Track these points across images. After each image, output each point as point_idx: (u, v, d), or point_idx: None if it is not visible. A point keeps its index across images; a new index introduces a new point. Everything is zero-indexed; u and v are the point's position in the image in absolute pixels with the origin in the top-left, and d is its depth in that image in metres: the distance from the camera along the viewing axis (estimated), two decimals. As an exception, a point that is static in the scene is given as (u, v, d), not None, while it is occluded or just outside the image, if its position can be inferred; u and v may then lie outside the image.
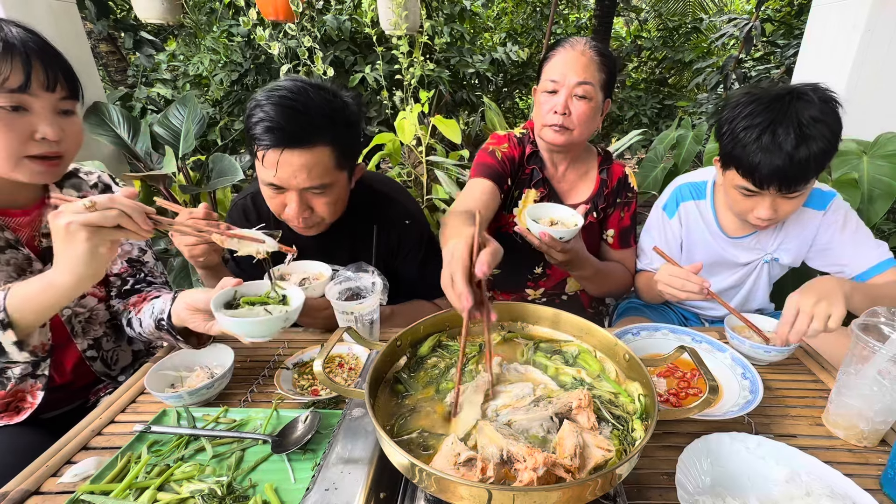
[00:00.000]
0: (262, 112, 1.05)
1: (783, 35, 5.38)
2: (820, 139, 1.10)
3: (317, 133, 1.06)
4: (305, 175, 1.08)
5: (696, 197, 1.43)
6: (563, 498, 0.57)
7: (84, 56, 2.45)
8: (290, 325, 0.96)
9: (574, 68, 1.31)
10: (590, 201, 1.49)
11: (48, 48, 0.95)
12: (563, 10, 7.73)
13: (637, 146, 5.27)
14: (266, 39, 2.78)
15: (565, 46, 1.35)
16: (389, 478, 0.71)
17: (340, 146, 1.11)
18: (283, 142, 1.04)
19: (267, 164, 1.07)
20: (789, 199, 1.19)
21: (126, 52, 4.39)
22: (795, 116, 1.11)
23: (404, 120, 2.46)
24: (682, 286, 1.15)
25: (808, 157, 1.10)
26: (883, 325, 0.85)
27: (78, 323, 1.15)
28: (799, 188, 1.16)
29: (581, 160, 1.52)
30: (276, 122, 1.04)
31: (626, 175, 1.52)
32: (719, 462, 0.79)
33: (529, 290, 1.59)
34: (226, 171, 2.37)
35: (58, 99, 0.95)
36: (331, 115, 1.09)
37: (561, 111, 1.33)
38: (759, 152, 1.13)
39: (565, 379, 0.84)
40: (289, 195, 1.12)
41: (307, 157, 1.06)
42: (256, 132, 1.06)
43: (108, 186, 1.23)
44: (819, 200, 1.32)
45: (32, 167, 0.96)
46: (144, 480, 0.78)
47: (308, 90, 1.09)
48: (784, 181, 1.14)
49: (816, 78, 2.12)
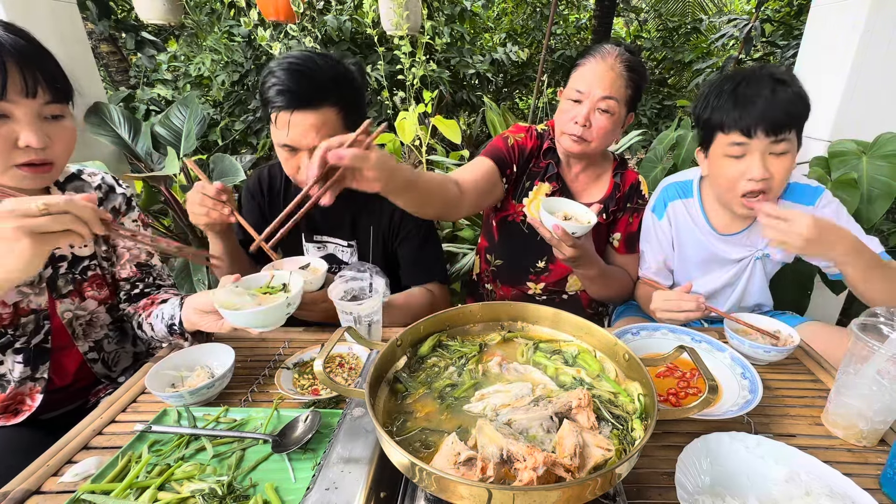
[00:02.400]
0: (274, 78, 1.16)
1: (783, 35, 5.38)
2: (793, 87, 1.16)
3: (324, 94, 1.17)
4: (315, 134, 1.17)
5: (683, 196, 1.45)
6: (563, 497, 0.57)
7: (85, 56, 2.46)
8: (293, 310, 0.98)
9: (602, 82, 1.31)
10: (601, 203, 1.50)
11: (30, 51, 0.90)
12: (563, 11, 7.73)
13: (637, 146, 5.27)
14: (267, 40, 2.79)
15: (596, 57, 1.34)
16: (390, 477, 0.72)
17: (346, 108, 1.21)
18: (294, 103, 1.15)
19: (280, 125, 1.18)
20: (777, 156, 1.19)
21: (127, 52, 4.39)
22: (766, 71, 1.20)
23: (404, 120, 2.47)
24: (679, 307, 1.18)
25: (786, 97, 1.15)
26: (882, 324, 0.85)
27: (79, 326, 1.15)
28: (785, 132, 1.17)
29: (596, 164, 1.53)
30: (287, 85, 1.14)
31: (639, 182, 1.53)
32: (719, 462, 0.79)
33: (530, 284, 1.59)
34: (227, 172, 2.37)
35: (41, 104, 0.92)
36: (335, 78, 1.19)
37: (582, 123, 1.34)
38: (739, 99, 1.18)
39: (565, 379, 0.84)
40: (301, 156, 1.21)
41: (316, 117, 1.16)
42: (270, 95, 1.16)
43: (111, 188, 1.22)
44: (808, 196, 1.33)
45: (20, 174, 0.93)
46: (145, 480, 0.78)
47: (314, 57, 1.20)
48: (770, 122, 1.15)
49: (816, 78, 2.14)
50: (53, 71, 0.93)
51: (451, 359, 0.88)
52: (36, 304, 1.07)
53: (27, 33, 0.93)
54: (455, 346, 0.91)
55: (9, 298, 1.03)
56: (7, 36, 0.88)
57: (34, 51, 0.91)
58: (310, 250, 1.50)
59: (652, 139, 4.32)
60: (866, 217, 1.79)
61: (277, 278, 1.08)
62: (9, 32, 0.89)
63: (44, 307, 1.08)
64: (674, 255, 1.48)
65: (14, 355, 1.07)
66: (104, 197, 1.20)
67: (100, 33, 3.92)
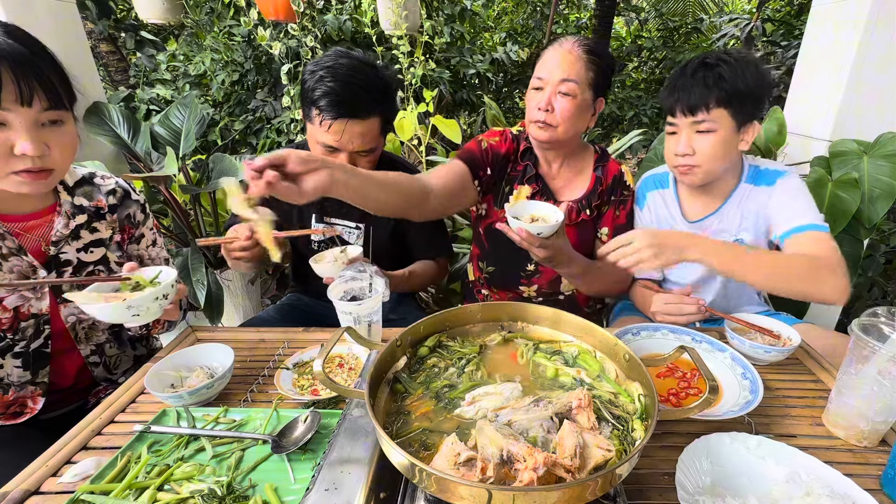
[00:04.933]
0: (325, 86, 1.26)
1: (783, 35, 5.38)
2: (720, 70, 1.23)
3: (373, 107, 1.31)
4: (360, 141, 1.32)
5: (659, 186, 1.52)
6: (563, 498, 0.57)
7: (84, 56, 2.45)
8: (144, 312, 0.94)
9: (560, 66, 1.33)
10: (584, 199, 1.50)
11: (26, 58, 0.87)
12: (564, 10, 7.73)
13: (637, 146, 5.27)
14: (267, 39, 2.78)
15: (555, 45, 1.38)
16: (389, 478, 0.72)
17: (386, 116, 1.36)
18: (349, 114, 1.27)
19: (332, 131, 1.29)
20: (701, 134, 1.28)
21: (127, 52, 4.39)
22: (700, 58, 1.30)
23: (404, 119, 2.46)
24: (679, 311, 1.22)
25: (704, 81, 1.24)
26: (883, 324, 0.85)
27: (81, 329, 1.15)
28: (702, 113, 1.25)
29: (576, 157, 1.53)
30: (342, 97, 1.26)
31: (622, 173, 1.52)
32: (719, 462, 0.79)
33: (523, 288, 1.59)
34: (226, 172, 2.37)
35: (37, 112, 0.89)
36: (383, 91, 1.33)
37: (544, 108, 1.34)
38: (672, 83, 1.32)
39: (565, 379, 0.84)
40: (340, 155, 1.34)
41: (364, 126, 1.31)
42: (322, 104, 1.26)
43: (127, 193, 1.20)
44: (770, 178, 1.36)
45: (18, 180, 0.92)
46: (144, 480, 0.78)
47: (364, 69, 1.31)
48: (686, 102, 1.27)
49: (816, 78, 2.13)
50: (52, 77, 0.91)
51: (451, 359, 0.88)
52: (37, 308, 1.06)
53: (30, 39, 0.90)
54: (455, 347, 0.91)
55: (9, 303, 1.03)
56: (5, 41, 0.85)
57: (32, 57, 0.88)
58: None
59: (652, 139, 4.32)
60: (867, 217, 1.78)
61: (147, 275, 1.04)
62: (8, 38, 0.86)
63: (44, 312, 1.07)
64: None
65: (13, 359, 1.06)
66: (118, 203, 1.18)
67: (99, 33, 3.92)
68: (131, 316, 0.93)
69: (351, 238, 1.54)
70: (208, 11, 3.89)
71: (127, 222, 1.20)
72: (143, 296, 0.93)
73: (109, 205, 1.16)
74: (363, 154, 1.37)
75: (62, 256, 1.08)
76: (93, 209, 1.13)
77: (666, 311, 1.23)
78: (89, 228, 1.13)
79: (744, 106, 1.25)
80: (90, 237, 1.13)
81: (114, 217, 1.17)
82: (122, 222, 1.19)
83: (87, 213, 1.12)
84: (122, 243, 1.19)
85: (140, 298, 0.92)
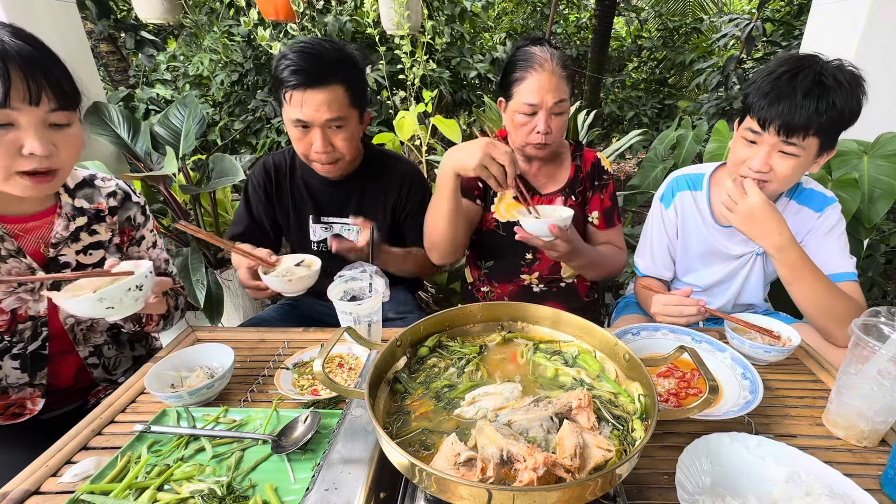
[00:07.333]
0: (287, 60, 1.29)
1: (783, 35, 5.38)
2: (834, 95, 1.10)
3: (332, 73, 1.30)
4: (326, 108, 1.30)
5: (692, 188, 1.48)
6: (563, 498, 0.57)
7: (84, 56, 2.45)
8: (118, 304, 0.93)
9: (551, 90, 1.35)
10: (567, 186, 1.55)
11: (35, 58, 0.87)
12: (564, 10, 7.73)
13: (637, 146, 5.27)
14: (267, 39, 2.78)
15: (535, 69, 1.35)
16: (389, 478, 0.71)
17: (351, 86, 1.34)
18: (307, 81, 1.28)
19: (294, 103, 1.30)
20: (785, 155, 1.17)
21: (126, 52, 4.38)
22: (819, 67, 1.13)
23: (403, 119, 2.46)
24: (680, 312, 1.21)
25: (816, 106, 1.10)
26: (883, 325, 0.85)
27: (80, 331, 1.15)
28: (797, 138, 1.13)
29: (555, 153, 1.57)
30: (300, 65, 1.27)
31: (599, 160, 1.58)
32: (719, 462, 0.79)
33: (525, 276, 1.62)
34: (226, 172, 2.37)
35: (45, 112, 0.89)
36: (342, 59, 1.34)
37: (544, 131, 1.38)
38: (773, 91, 1.14)
39: (565, 379, 0.84)
40: (314, 132, 1.34)
41: (326, 94, 1.30)
42: (284, 76, 1.28)
43: (127, 195, 1.20)
44: (818, 203, 1.34)
45: (23, 182, 0.92)
46: (144, 480, 0.78)
47: (323, 42, 1.35)
48: (786, 124, 1.13)
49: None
50: (60, 78, 0.91)
51: (451, 359, 0.88)
52: (34, 310, 1.06)
53: (36, 39, 0.90)
54: (455, 347, 0.91)
55: (7, 305, 1.03)
56: (12, 42, 0.86)
57: (40, 57, 0.89)
58: (316, 231, 1.57)
59: (652, 139, 4.32)
60: (867, 217, 1.79)
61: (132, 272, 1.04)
62: (15, 38, 0.87)
63: (42, 314, 1.07)
64: (677, 244, 1.50)
65: (11, 361, 1.06)
66: (119, 205, 1.18)
67: (99, 33, 3.92)
68: (105, 308, 0.91)
69: (350, 235, 1.55)
70: (208, 11, 3.88)
71: (127, 224, 1.19)
72: (114, 287, 0.91)
73: (110, 207, 1.16)
74: (335, 129, 1.35)
75: (61, 259, 1.08)
76: (93, 211, 1.13)
77: (666, 312, 1.23)
78: (88, 231, 1.12)
79: (836, 134, 1.18)
80: (89, 239, 1.12)
81: (114, 219, 1.17)
82: (122, 224, 1.18)
83: (87, 216, 1.12)
84: (121, 246, 1.19)
85: (111, 290, 0.90)
